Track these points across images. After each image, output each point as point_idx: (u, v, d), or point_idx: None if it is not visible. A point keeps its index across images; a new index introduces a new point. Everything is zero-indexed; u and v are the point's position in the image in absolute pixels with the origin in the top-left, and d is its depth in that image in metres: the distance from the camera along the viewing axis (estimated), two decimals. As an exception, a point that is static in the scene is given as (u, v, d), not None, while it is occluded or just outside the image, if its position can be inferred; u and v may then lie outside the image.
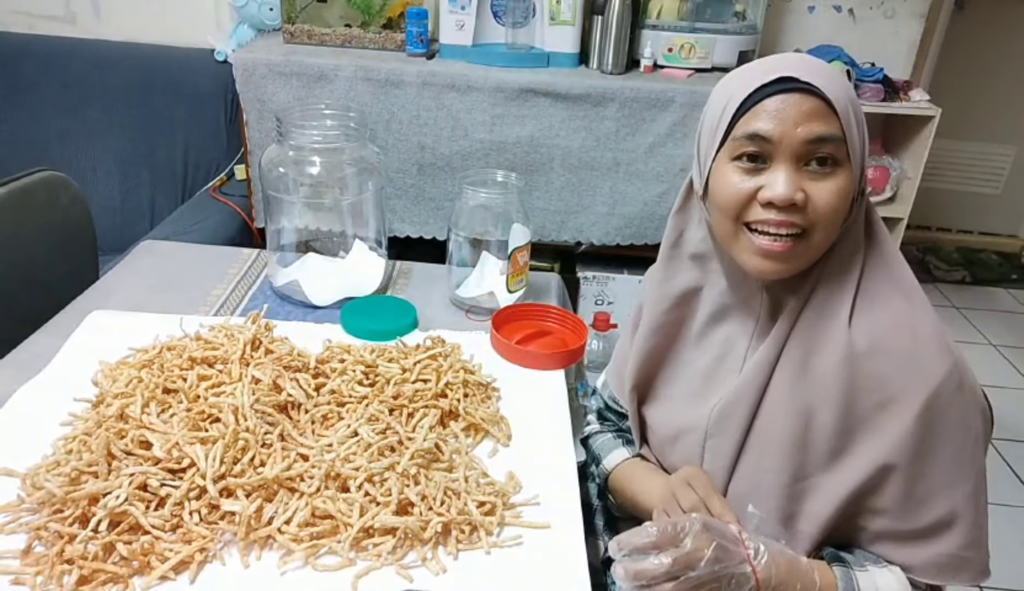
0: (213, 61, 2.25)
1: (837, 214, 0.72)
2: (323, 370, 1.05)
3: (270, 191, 1.27)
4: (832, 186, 0.71)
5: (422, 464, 0.90)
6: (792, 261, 0.74)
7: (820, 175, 0.71)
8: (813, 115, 0.69)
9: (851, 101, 0.72)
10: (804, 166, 0.71)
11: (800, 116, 0.69)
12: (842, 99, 0.70)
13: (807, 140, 0.70)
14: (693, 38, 2.08)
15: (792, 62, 0.72)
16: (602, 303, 2.29)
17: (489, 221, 1.28)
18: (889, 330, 0.74)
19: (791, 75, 0.70)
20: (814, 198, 0.71)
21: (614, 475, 1.01)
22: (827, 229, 0.72)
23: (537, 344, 1.22)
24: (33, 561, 0.75)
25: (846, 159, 0.71)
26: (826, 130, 0.69)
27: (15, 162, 2.06)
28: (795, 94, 0.70)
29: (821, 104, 0.69)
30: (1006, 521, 1.99)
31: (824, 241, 0.74)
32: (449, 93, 1.96)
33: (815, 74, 0.70)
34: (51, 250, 1.41)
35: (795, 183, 0.70)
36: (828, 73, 0.71)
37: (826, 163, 0.71)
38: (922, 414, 0.72)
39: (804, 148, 0.70)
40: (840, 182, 0.71)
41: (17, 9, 2.39)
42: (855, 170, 0.72)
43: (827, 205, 0.71)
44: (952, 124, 2.71)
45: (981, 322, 2.98)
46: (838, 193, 0.71)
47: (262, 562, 0.79)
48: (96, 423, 0.89)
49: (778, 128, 0.70)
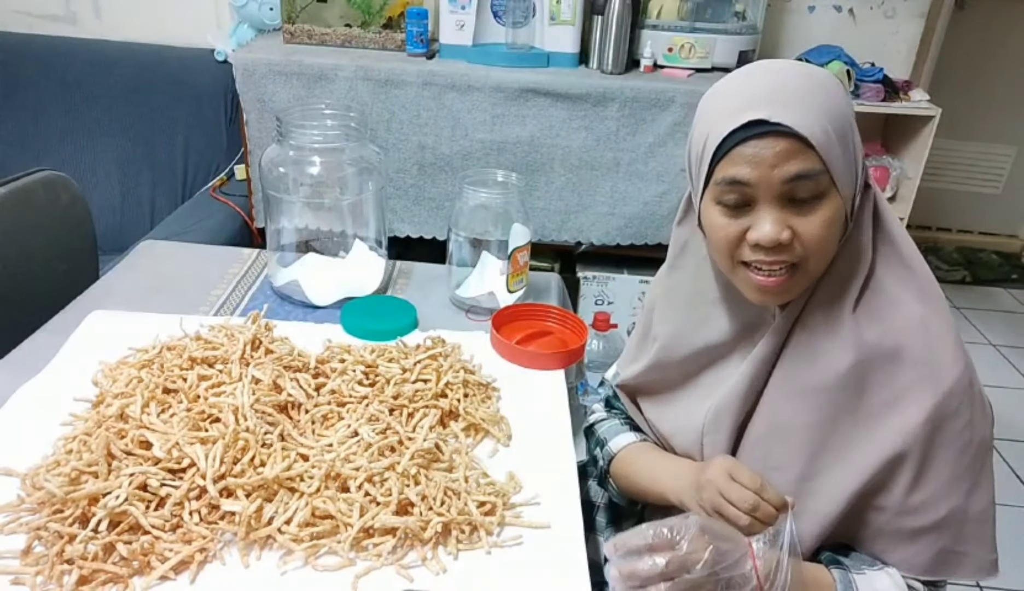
0: (213, 61, 2.25)
1: (827, 244, 0.72)
2: (323, 370, 1.05)
3: (270, 191, 1.27)
4: (818, 219, 0.70)
5: (422, 464, 0.89)
6: (791, 291, 0.75)
7: (806, 209, 0.70)
8: (788, 155, 0.68)
9: (832, 122, 0.69)
10: (789, 203, 0.70)
11: (775, 158, 0.68)
12: (818, 129, 0.68)
13: (784, 180, 0.69)
14: (693, 38, 2.08)
15: (763, 96, 0.69)
16: (602, 303, 2.29)
17: (489, 221, 1.28)
18: (901, 329, 0.74)
19: (761, 117, 0.68)
20: (801, 233, 0.70)
21: (619, 458, 0.99)
22: (820, 256, 0.73)
23: (537, 344, 1.22)
24: (33, 561, 0.75)
25: (831, 187, 0.70)
26: (803, 167, 0.68)
27: (15, 162, 2.07)
28: (767, 137, 0.68)
29: (795, 142, 0.68)
30: (1006, 521, 1.98)
31: (821, 266, 0.74)
32: (449, 93, 1.97)
33: (787, 106, 0.68)
34: (51, 250, 1.41)
35: (780, 222, 0.70)
36: (802, 98, 0.69)
37: (807, 198, 0.70)
38: (932, 414, 0.72)
39: (784, 188, 0.69)
40: (826, 213, 0.70)
41: (17, 9, 2.39)
42: (844, 189, 0.71)
43: (815, 237, 0.70)
44: (952, 124, 2.70)
45: (981, 322, 2.98)
46: (825, 224, 0.70)
47: (262, 562, 0.79)
48: (96, 423, 0.89)
49: (755, 173, 0.69)
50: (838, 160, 0.69)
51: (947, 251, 3.37)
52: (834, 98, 0.71)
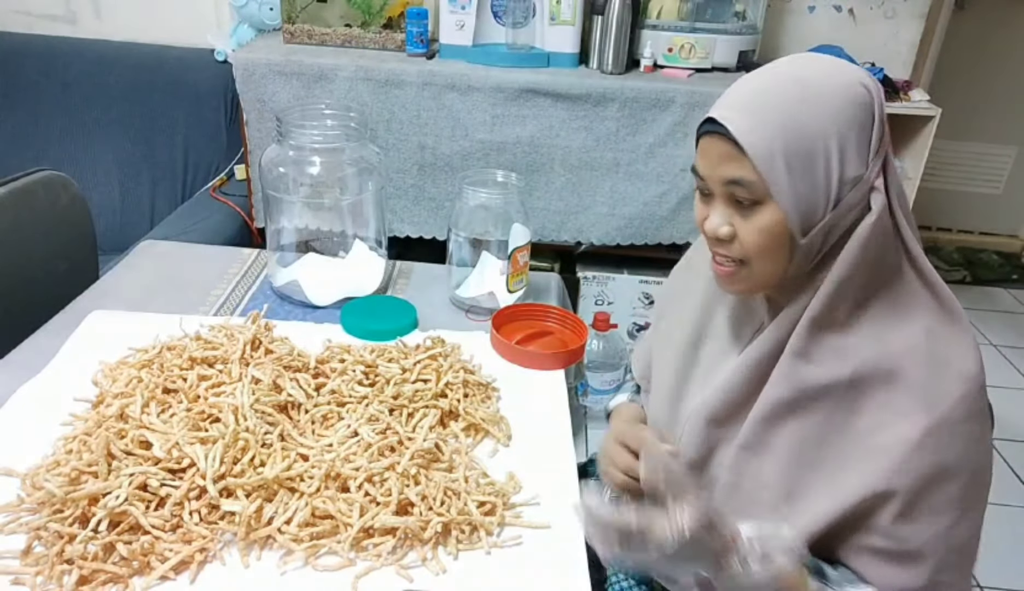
0: (213, 61, 2.25)
1: (765, 248, 0.73)
2: (323, 370, 1.05)
3: (270, 191, 1.27)
4: (753, 225, 0.72)
5: (422, 464, 0.90)
6: (739, 283, 0.77)
7: (745, 211, 0.73)
8: (726, 158, 0.71)
9: (788, 141, 0.69)
10: (734, 201, 0.74)
11: (717, 158, 0.72)
12: (761, 142, 0.69)
13: (723, 181, 0.73)
14: (693, 38, 2.08)
15: (733, 97, 0.73)
16: (602, 303, 2.29)
17: (489, 221, 1.28)
18: (902, 351, 0.72)
19: (712, 115, 0.72)
20: (740, 234, 0.74)
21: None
22: (760, 260, 0.74)
23: (537, 344, 1.22)
24: (33, 561, 0.75)
25: (767, 198, 0.71)
26: (736, 174, 0.71)
27: (15, 162, 2.07)
28: (714, 136, 0.72)
29: (731, 147, 0.71)
30: (1006, 521, 1.99)
31: (767, 269, 0.74)
32: (449, 93, 1.97)
33: (741, 113, 0.70)
34: (51, 250, 1.41)
35: (724, 217, 0.74)
36: (761, 110, 0.70)
37: (747, 202, 0.72)
38: (924, 440, 0.70)
39: (724, 188, 0.73)
40: (761, 221, 0.72)
41: (17, 9, 2.39)
42: (786, 206, 0.70)
43: (751, 242, 0.73)
44: (952, 124, 2.70)
45: (981, 322, 2.98)
46: (759, 231, 0.72)
47: (262, 562, 0.79)
48: (96, 423, 0.89)
49: (706, 168, 0.74)
50: (780, 178, 0.69)
51: (947, 251, 3.37)
52: (812, 116, 0.69)
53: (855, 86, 0.71)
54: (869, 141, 0.72)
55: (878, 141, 0.72)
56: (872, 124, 0.72)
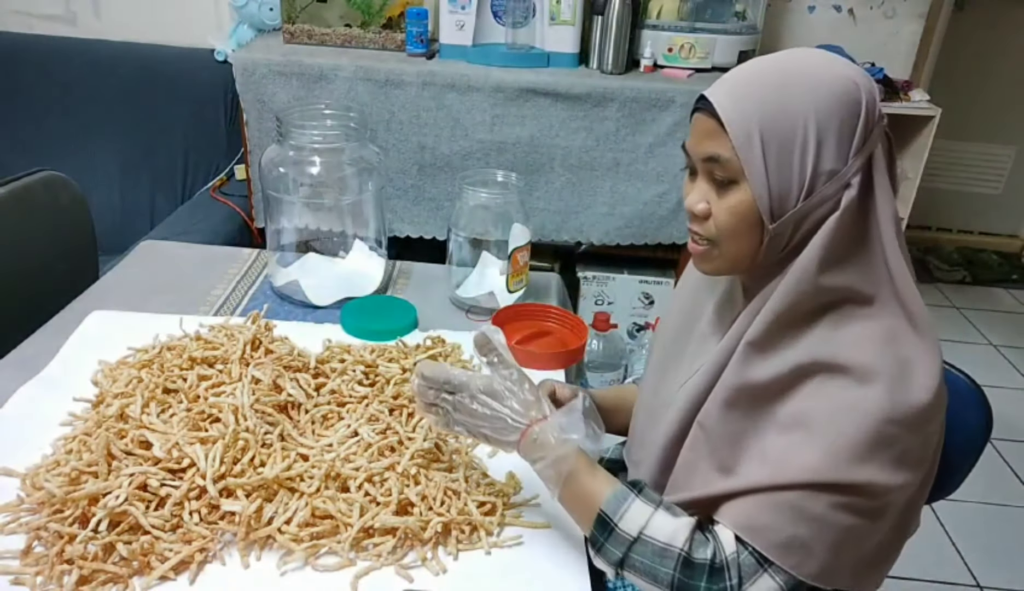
0: (213, 61, 2.25)
1: (734, 229, 0.74)
2: (323, 370, 1.05)
3: (270, 191, 1.27)
4: (726, 203, 0.74)
5: (422, 464, 0.90)
6: (709, 263, 0.79)
7: (721, 191, 0.74)
8: (706, 134, 0.73)
9: (768, 124, 0.69)
10: (713, 180, 0.75)
11: (699, 135, 0.75)
12: (740, 122, 0.70)
13: (702, 158, 0.75)
14: (693, 38, 2.08)
15: (727, 78, 0.75)
16: (602, 303, 2.29)
17: (489, 221, 1.29)
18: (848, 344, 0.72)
19: (702, 93, 0.74)
20: (714, 212, 0.75)
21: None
22: (730, 241, 0.75)
23: (537, 344, 1.22)
24: (33, 561, 0.75)
25: (741, 178, 0.72)
26: (714, 151, 0.73)
27: (15, 162, 2.06)
28: (702, 113, 0.74)
29: (714, 124, 0.72)
30: (1006, 521, 1.99)
31: (733, 251, 0.75)
32: (449, 93, 1.97)
33: (727, 93, 0.72)
34: (51, 250, 1.41)
35: (701, 194, 0.76)
36: (745, 92, 0.72)
37: (723, 181, 0.74)
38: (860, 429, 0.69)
39: (704, 165, 0.75)
40: (732, 201, 0.73)
41: (17, 9, 2.39)
42: (758, 189, 0.70)
43: (722, 221, 0.74)
44: (952, 124, 2.70)
45: (981, 322, 2.98)
46: (731, 210, 0.73)
47: (262, 562, 0.79)
48: (96, 423, 0.89)
49: (691, 144, 0.76)
50: (755, 157, 0.70)
51: (947, 251, 3.37)
52: (795, 98, 0.70)
53: (844, 81, 0.71)
54: (852, 137, 0.71)
55: (862, 139, 0.71)
56: (857, 121, 0.71)
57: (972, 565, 1.83)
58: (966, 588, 1.78)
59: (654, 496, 0.78)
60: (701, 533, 0.76)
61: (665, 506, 0.77)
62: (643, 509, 0.75)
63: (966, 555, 1.85)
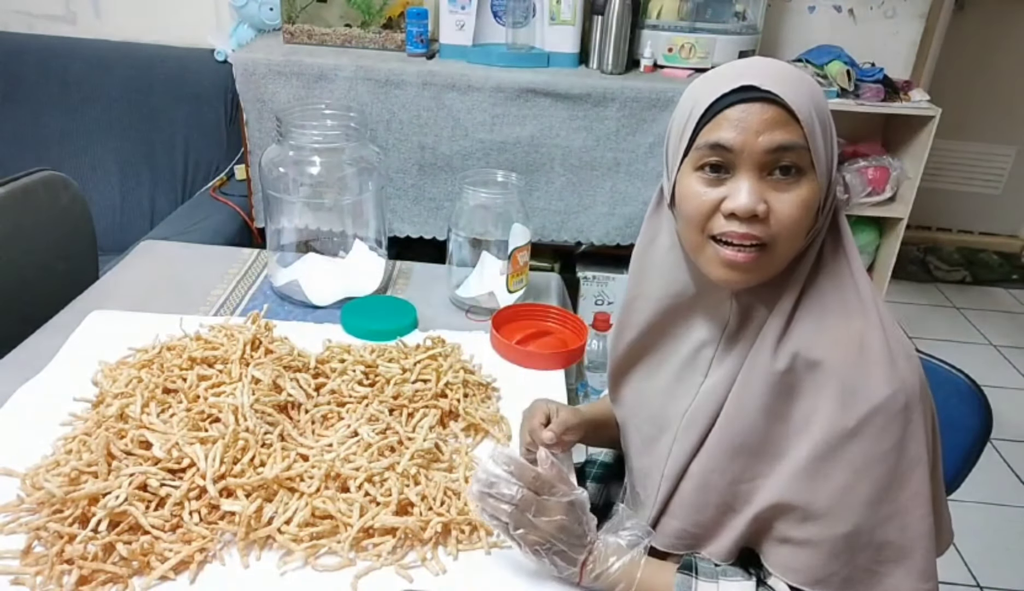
0: (213, 61, 2.25)
1: (800, 225, 0.71)
2: (323, 370, 1.05)
3: (270, 191, 1.27)
4: (795, 197, 0.70)
5: (422, 464, 0.90)
6: (756, 271, 0.73)
7: (783, 185, 0.70)
8: (774, 123, 0.68)
9: (816, 109, 0.70)
10: (767, 176, 0.70)
11: (761, 125, 0.68)
12: (805, 107, 0.69)
13: (768, 149, 0.69)
14: (693, 38, 2.08)
15: (756, 69, 0.71)
16: (602, 303, 2.29)
17: (489, 221, 1.29)
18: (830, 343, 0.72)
19: (752, 84, 0.69)
20: (776, 209, 0.70)
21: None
22: (790, 240, 0.71)
23: (537, 344, 1.22)
24: (33, 561, 0.75)
25: (810, 168, 0.70)
26: (788, 138, 0.68)
27: (15, 162, 2.07)
28: (756, 103, 0.69)
29: (783, 112, 0.68)
30: (1006, 521, 1.99)
31: (787, 252, 0.73)
32: (449, 93, 1.97)
33: (778, 81, 0.69)
34: (51, 250, 1.41)
35: (758, 193, 0.69)
36: (793, 80, 0.70)
37: (790, 172, 0.69)
38: (855, 430, 0.70)
39: (766, 157, 0.69)
40: (804, 192, 0.70)
41: (17, 9, 2.39)
42: (821, 179, 0.70)
43: (789, 216, 0.70)
44: (952, 124, 2.71)
45: (981, 322, 2.98)
46: (801, 204, 0.70)
47: (262, 562, 0.79)
48: (96, 423, 0.89)
49: (740, 137, 0.69)
50: (820, 143, 0.70)
51: (947, 251, 3.37)
52: (820, 94, 0.73)
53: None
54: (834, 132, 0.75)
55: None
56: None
57: (972, 565, 1.83)
58: (966, 588, 1.78)
59: (707, 568, 0.78)
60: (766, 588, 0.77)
61: (721, 573, 0.78)
62: (708, 588, 0.76)
63: (966, 555, 1.85)
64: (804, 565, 0.74)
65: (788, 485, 0.74)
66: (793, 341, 0.74)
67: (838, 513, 0.72)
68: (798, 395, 0.74)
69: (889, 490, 0.71)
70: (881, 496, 0.71)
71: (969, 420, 1.03)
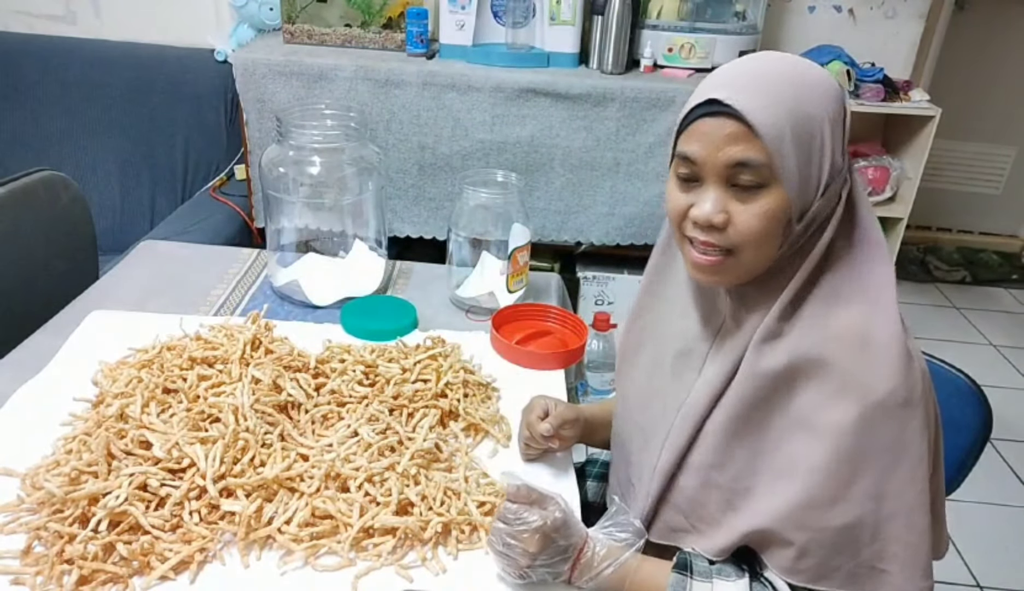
0: (213, 61, 2.25)
1: (762, 235, 0.72)
2: (323, 370, 1.05)
3: (270, 191, 1.27)
4: (756, 208, 0.71)
5: (422, 464, 0.90)
6: (723, 275, 0.76)
7: (746, 196, 0.72)
8: (734, 139, 0.70)
9: (794, 123, 0.69)
10: (732, 186, 0.72)
11: (722, 140, 0.71)
12: (770, 122, 0.69)
13: (728, 164, 0.71)
14: (693, 38, 2.08)
15: (731, 79, 0.72)
16: (602, 303, 2.29)
17: (489, 221, 1.29)
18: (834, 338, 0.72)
19: (716, 97, 0.70)
20: (737, 220, 0.72)
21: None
22: (754, 248, 0.73)
23: (537, 344, 1.22)
24: (33, 561, 0.75)
25: (773, 181, 0.70)
26: (746, 155, 0.70)
27: (15, 162, 2.07)
28: (720, 117, 0.71)
29: (743, 128, 0.69)
30: (1006, 521, 1.99)
31: (755, 258, 0.74)
32: (449, 93, 1.97)
33: (750, 94, 0.70)
34: (51, 250, 1.41)
35: (719, 204, 0.72)
36: (767, 92, 0.70)
37: (749, 185, 0.71)
38: (857, 425, 0.70)
39: (727, 171, 0.71)
40: (766, 204, 0.71)
41: (17, 9, 2.39)
42: (790, 191, 0.71)
43: (748, 227, 0.72)
44: (952, 124, 2.70)
45: (981, 322, 2.97)
46: (762, 215, 0.71)
47: (262, 562, 0.79)
48: (96, 423, 0.89)
49: (703, 151, 0.72)
50: (787, 160, 0.70)
51: (947, 251, 3.37)
52: (810, 101, 0.71)
53: (831, 81, 0.73)
54: (844, 134, 0.74)
55: (849, 134, 0.75)
56: (845, 118, 0.74)
57: (972, 565, 1.83)
58: (966, 588, 1.78)
59: (702, 567, 0.79)
60: (759, 584, 0.77)
61: (716, 571, 0.78)
62: (703, 588, 0.77)
63: (966, 555, 1.85)
64: (807, 565, 0.74)
65: (788, 484, 0.74)
66: (794, 338, 0.74)
67: (839, 508, 0.72)
68: (799, 391, 0.74)
69: (889, 485, 0.71)
70: (882, 491, 0.71)
71: (969, 420, 1.03)
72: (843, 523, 0.72)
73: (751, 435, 0.77)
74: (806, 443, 0.73)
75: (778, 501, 0.74)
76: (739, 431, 0.77)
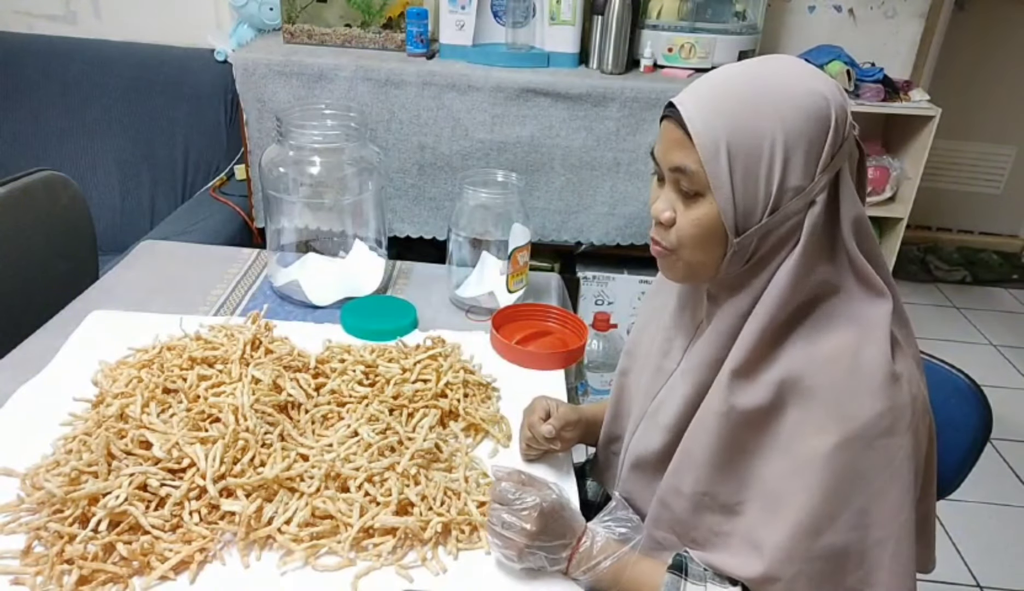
0: (213, 61, 2.25)
1: (695, 242, 0.74)
2: (323, 370, 1.05)
3: (270, 191, 1.27)
4: (692, 215, 0.73)
5: (422, 464, 0.90)
6: (669, 270, 0.79)
7: (687, 201, 0.74)
8: (677, 145, 0.73)
9: (737, 140, 0.69)
10: (680, 190, 0.75)
11: (668, 144, 0.74)
12: (708, 136, 0.69)
13: (669, 168, 0.74)
14: (693, 38, 2.08)
15: (695, 86, 0.74)
16: (602, 303, 2.29)
17: (489, 221, 1.29)
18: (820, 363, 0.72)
19: (675, 102, 0.73)
20: (679, 222, 0.75)
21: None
22: (691, 250, 0.75)
23: (537, 344, 1.22)
24: (33, 561, 0.75)
25: (707, 190, 0.71)
26: (682, 162, 0.72)
27: (15, 162, 2.07)
28: (670, 122, 0.74)
29: (682, 135, 0.72)
30: (1006, 521, 1.99)
31: (693, 261, 0.75)
32: (449, 93, 1.96)
33: (696, 103, 0.72)
34: (51, 250, 1.41)
35: (667, 203, 0.76)
36: (717, 105, 0.70)
37: (688, 192, 0.73)
38: (839, 454, 0.70)
39: (671, 175, 0.75)
40: (697, 213, 0.73)
41: (17, 9, 2.39)
42: (723, 204, 0.70)
43: (684, 232, 0.74)
44: (952, 124, 2.70)
45: (981, 322, 2.98)
46: (696, 222, 0.73)
47: (262, 562, 0.79)
48: (96, 423, 0.89)
49: (659, 152, 0.76)
50: (721, 172, 0.69)
51: (947, 251, 3.37)
52: (765, 116, 0.69)
53: (815, 96, 0.69)
54: (820, 154, 0.69)
55: (830, 156, 0.70)
56: (826, 138, 0.69)
57: (972, 565, 1.83)
58: (966, 588, 1.78)
59: (697, 571, 0.79)
60: None
61: (711, 576, 0.78)
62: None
63: (966, 555, 1.85)
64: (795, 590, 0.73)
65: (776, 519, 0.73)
66: (778, 368, 0.73)
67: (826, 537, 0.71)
68: (785, 416, 0.73)
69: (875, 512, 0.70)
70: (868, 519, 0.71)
71: (969, 420, 1.03)
72: (830, 551, 0.71)
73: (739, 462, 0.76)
74: (791, 472, 0.72)
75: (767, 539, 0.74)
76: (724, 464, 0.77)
